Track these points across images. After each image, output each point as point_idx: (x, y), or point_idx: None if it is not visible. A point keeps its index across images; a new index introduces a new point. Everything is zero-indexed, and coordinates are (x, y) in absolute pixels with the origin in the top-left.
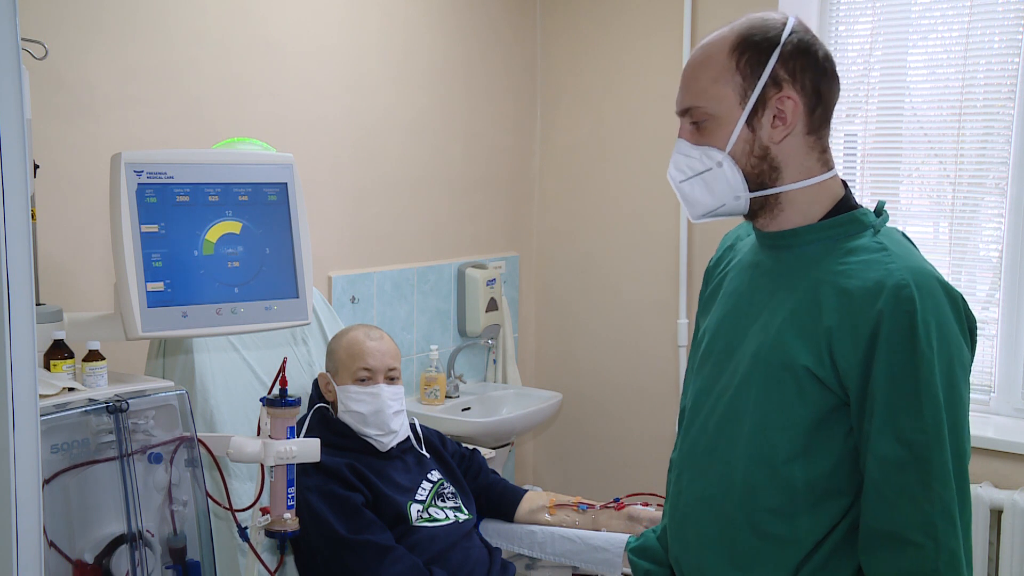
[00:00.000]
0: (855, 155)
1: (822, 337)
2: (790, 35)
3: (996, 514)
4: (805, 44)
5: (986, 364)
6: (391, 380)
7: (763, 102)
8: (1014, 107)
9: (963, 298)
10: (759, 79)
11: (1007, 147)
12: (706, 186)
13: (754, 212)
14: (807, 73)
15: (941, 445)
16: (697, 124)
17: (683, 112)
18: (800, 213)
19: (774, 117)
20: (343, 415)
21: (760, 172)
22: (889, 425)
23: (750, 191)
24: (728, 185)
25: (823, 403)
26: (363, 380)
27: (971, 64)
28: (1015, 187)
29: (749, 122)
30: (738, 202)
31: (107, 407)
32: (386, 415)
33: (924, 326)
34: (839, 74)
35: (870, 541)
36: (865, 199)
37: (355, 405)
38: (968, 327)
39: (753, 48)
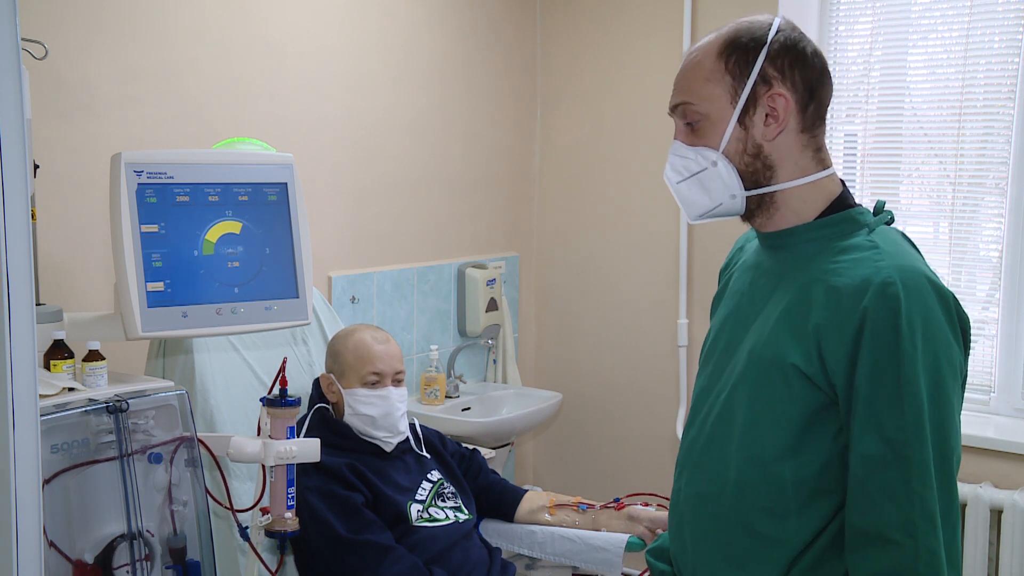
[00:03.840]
0: (855, 155)
1: (811, 335)
2: (776, 34)
3: (996, 514)
4: (792, 41)
5: (986, 364)
6: (398, 382)
7: (754, 100)
8: (1014, 107)
9: (955, 297)
10: (748, 78)
11: (1007, 147)
12: (702, 186)
13: (751, 212)
14: (796, 70)
15: (922, 443)
16: (691, 125)
17: (673, 108)
18: (795, 212)
19: (767, 115)
20: (350, 418)
21: (755, 170)
22: (872, 422)
23: (745, 190)
24: (724, 184)
25: (812, 401)
26: (372, 383)
27: (971, 64)
28: (1015, 187)
29: (741, 121)
30: (734, 201)
31: (107, 407)
32: (395, 417)
33: (908, 323)
34: (839, 74)
35: (854, 540)
36: (865, 199)
37: (365, 408)
38: (961, 327)
39: (740, 49)
